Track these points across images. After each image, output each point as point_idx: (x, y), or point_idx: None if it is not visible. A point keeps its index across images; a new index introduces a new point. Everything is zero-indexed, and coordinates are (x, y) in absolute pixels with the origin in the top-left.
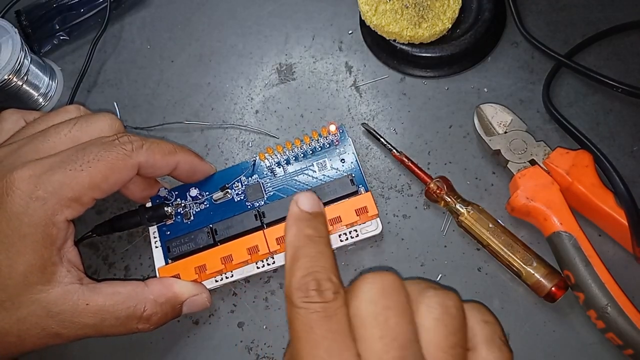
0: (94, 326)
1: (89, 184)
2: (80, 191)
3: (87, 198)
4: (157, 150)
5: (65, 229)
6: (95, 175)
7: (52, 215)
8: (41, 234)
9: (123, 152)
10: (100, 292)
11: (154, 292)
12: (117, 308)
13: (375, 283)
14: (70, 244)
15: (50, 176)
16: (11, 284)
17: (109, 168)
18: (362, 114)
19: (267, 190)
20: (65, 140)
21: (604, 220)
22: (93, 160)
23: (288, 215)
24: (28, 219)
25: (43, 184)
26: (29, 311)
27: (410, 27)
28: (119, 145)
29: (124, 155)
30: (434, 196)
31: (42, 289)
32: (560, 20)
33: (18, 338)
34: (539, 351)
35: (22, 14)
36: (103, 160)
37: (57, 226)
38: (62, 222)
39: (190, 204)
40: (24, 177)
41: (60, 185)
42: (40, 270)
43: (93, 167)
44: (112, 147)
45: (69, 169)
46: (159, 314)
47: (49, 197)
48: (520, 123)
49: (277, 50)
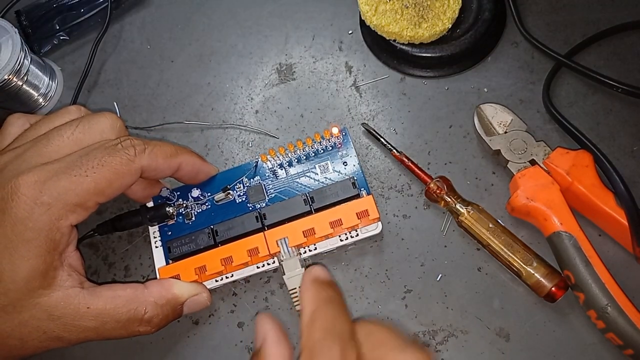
0: (95, 329)
1: (93, 189)
2: (84, 197)
3: (91, 203)
4: (159, 154)
5: (69, 234)
6: (100, 180)
7: (57, 220)
8: (45, 239)
9: (126, 157)
10: (100, 296)
11: (153, 294)
12: (117, 311)
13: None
14: (72, 249)
15: (56, 182)
16: (13, 288)
17: (113, 173)
18: (362, 114)
19: (268, 192)
20: (69, 143)
21: (604, 220)
22: (97, 166)
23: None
24: (32, 224)
25: (48, 189)
26: (31, 315)
27: (410, 27)
28: (122, 150)
29: (127, 161)
30: (434, 196)
31: (43, 292)
32: (560, 20)
33: (20, 341)
34: (539, 351)
35: (22, 14)
36: (107, 166)
37: (60, 231)
38: (66, 227)
39: (192, 205)
40: (29, 183)
41: (65, 191)
42: (42, 274)
43: (97, 173)
44: (116, 152)
45: (73, 175)
46: (160, 316)
47: (54, 203)
48: (520, 123)
49: (277, 50)
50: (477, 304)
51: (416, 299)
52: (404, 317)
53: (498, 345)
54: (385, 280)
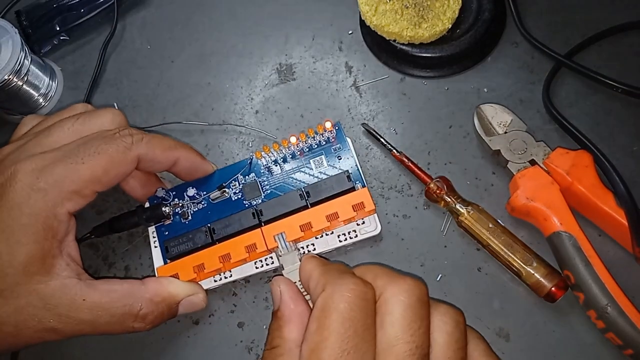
0: (90, 322)
1: (89, 176)
2: (81, 184)
3: (88, 191)
4: (157, 144)
5: (67, 221)
6: (96, 168)
7: (53, 207)
8: (42, 225)
9: (123, 145)
10: (97, 289)
11: (150, 291)
12: (113, 305)
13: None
14: (71, 238)
15: (52, 169)
16: (11, 272)
17: (109, 161)
18: (362, 114)
19: (264, 189)
20: (69, 134)
21: (604, 220)
22: (94, 154)
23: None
24: (29, 210)
25: (44, 176)
26: (27, 301)
27: (410, 27)
28: (120, 138)
29: (124, 148)
30: (434, 196)
31: (40, 279)
32: (560, 20)
33: (15, 328)
34: (539, 351)
35: (22, 14)
36: (104, 153)
37: (58, 218)
38: (63, 215)
39: (188, 204)
40: (27, 170)
41: (62, 177)
42: (40, 261)
43: (94, 160)
44: (113, 140)
45: (70, 162)
46: (154, 312)
47: (50, 189)
48: (520, 123)
49: (277, 50)
50: (477, 304)
51: None
52: None
53: (498, 345)
54: None
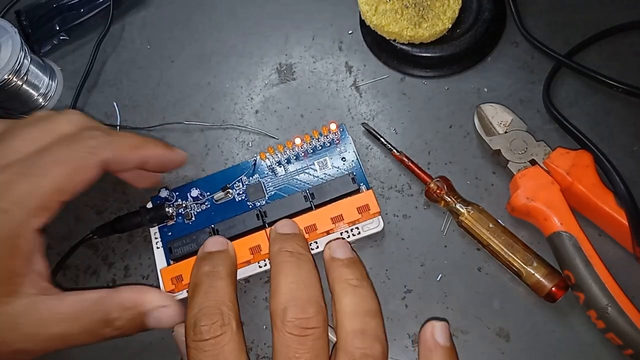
0: (60, 337)
1: (53, 189)
2: (45, 198)
3: (54, 204)
4: (123, 144)
5: (33, 239)
6: (59, 179)
7: (19, 226)
8: (7, 246)
9: (86, 151)
10: (66, 300)
11: (122, 297)
12: (82, 314)
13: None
14: (38, 255)
15: (13, 187)
16: None
17: (72, 169)
18: (362, 114)
19: (268, 190)
20: (28, 143)
21: (604, 220)
22: (56, 163)
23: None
24: None
25: (5, 195)
26: None
27: (410, 27)
28: (81, 141)
29: (87, 154)
30: (434, 196)
31: (6, 300)
32: (560, 20)
33: None
34: (539, 351)
35: (22, 14)
36: (65, 162)
37: (23, 237)
38: (29, 232)
39: (191, 205)
40: None
41: (25, 195)
42: (5, 282)
43: (56, 171)
44: (74, 144)
45: (31, 176)
46: (124, 318)
47: (13, 208)
48: (520, 123)
49: (277, 50)
50: (477, 304)
51: (416, 299)
52: (404, 317)
53: (498, 345)
54: (385, 280)
